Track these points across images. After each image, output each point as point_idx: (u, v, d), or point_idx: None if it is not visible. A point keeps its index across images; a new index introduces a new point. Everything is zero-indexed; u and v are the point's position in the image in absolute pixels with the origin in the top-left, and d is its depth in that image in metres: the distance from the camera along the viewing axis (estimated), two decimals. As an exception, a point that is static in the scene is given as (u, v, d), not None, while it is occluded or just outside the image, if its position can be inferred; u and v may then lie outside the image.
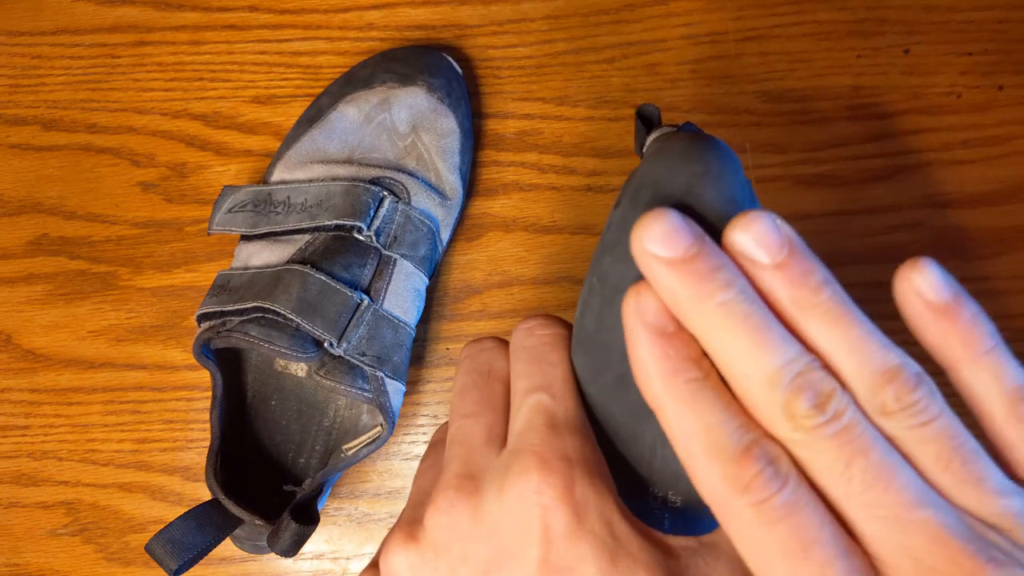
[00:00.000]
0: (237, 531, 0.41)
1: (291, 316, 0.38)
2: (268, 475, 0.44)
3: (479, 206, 0.48)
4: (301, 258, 0.41)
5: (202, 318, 0.41)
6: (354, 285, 0.40)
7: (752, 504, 0.18)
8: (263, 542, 0.42)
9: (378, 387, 0.40)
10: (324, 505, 0.46)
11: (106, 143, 0.49)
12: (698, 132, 0.25)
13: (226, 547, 0.46)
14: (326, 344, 0.39)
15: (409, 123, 0.44)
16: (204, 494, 0.47)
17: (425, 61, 0.44)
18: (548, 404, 0.22)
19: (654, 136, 0.26)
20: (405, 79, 0.44)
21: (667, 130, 0.26)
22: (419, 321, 0.44)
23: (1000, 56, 0.49)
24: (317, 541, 0.47)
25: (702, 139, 0.23)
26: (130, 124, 0.49)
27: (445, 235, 0.45)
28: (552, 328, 0.24)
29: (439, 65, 0.45)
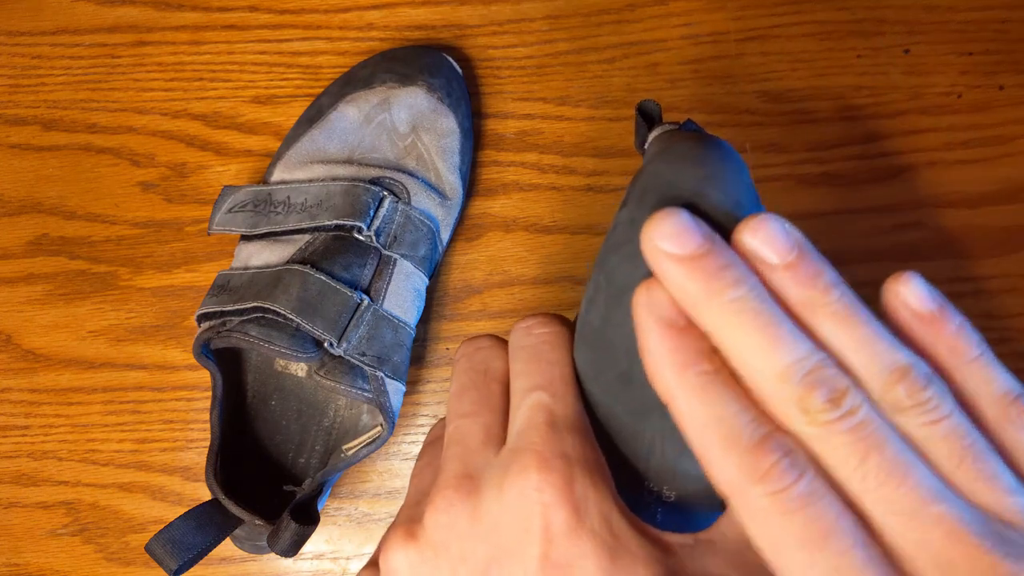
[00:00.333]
0: (237, 531, 0.41)
1: (291, 316, 0.38)
2: (268, 475, 0.44)
3: (479, 206, 0.48)
4: (301, 258, 0.41)
5: (202, 318, 0.41)
6: (354, 285, 0.40)
7: (769, 494, 0.18)
8: (263, 542, 0.42)
9: (378, 387, 0.40)
10: (324, 505, 0.46)
11: (106, 143, 0.49)
12: (700, 131, 0.25)
13: (226, 547, 0.46)
14: (326, 344, 0.39)
15: (409, 123, 0.44)
16: (204, 494, 0.47)
17: (425, 61, 0.44)
18: (548, 402, 0.22)
19: (656, 134, 0.26)
20: (405, 79, 0.44)
21: (669, 127, 0.26)
22: (419, 321, 0.44)
23: (1001, 56, 0.49)
24: (317, 541, 0.47)
25: (707, 141, 0.23)
26: (130, 124, 0.49)
27: (445, 235, 0.45)
28: (551, 326, 0.24)
29: (439, 65, 0.45)
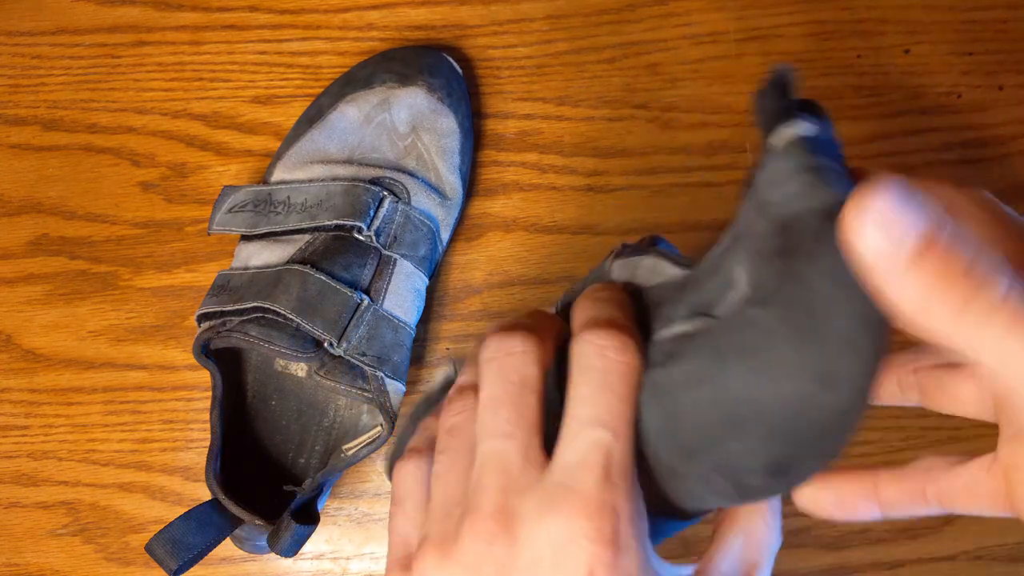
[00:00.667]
0: (237, 531, 0.41)
1: (291, 316, 0.38)
2: (268, 475, 0.44)
3: (479, 206, 0.48)
4: (301, 258, 0.41)
5: (202, 318, 0.41)
6: (354, 285, 0.40)
7: None
8: (263, 542, 0.42)
9: (378, 387, 0.40)
10: (324, 505, 0.46)
11: (106, 143, 0.49)
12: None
13: (226, 547, 0.46)
14: (326, 344, 0.39)
15: (409, 123, 0.44)
16: (204, 494, 0.47)
17: (425, 61, 0.44)
18: (608, 443, 0.22)
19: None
20: (405, 79, 0.44)
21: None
22: (419, 321, 0.44)
23: (1001, 56, 0.49)
24: (317, 541, 0.47)
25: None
26: (130, 124, 0.49)
27: (445, 235, 0.45)
28: (626, 355, 0.23)
29: (439, 65, 0.45)
